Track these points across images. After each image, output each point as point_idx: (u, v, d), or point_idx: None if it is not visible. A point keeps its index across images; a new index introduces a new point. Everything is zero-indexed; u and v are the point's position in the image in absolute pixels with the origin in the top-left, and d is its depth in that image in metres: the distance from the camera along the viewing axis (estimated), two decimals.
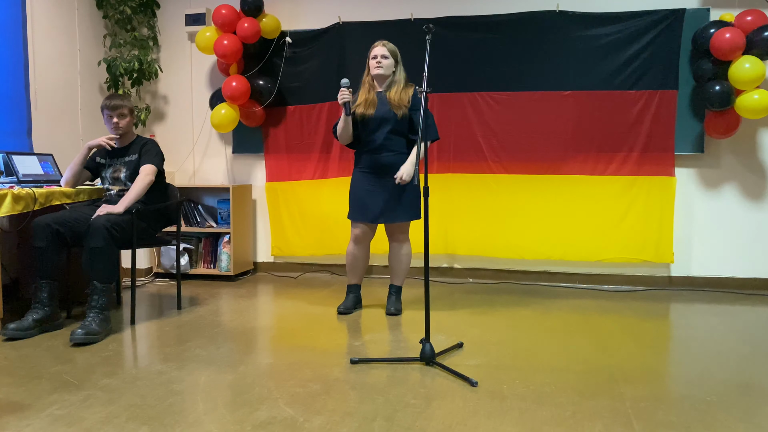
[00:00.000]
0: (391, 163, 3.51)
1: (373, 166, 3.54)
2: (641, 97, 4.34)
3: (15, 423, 2.11)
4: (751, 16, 3.97)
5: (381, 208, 3.51)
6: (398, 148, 3.54)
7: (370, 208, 3.53)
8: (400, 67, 3.57)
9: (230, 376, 2.57)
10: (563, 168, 4.49)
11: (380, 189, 3.52)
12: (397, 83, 3.54)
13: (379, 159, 3.52)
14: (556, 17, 4.42)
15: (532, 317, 3.59)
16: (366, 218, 3.55)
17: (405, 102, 3.49)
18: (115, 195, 3.51)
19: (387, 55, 3.51)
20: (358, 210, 3.57)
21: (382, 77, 3.54)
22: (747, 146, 4.34)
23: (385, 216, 3.52)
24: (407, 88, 3.55)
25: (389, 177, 3.50)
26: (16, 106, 4.04)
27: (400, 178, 3.40)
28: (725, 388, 2.43)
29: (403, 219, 3.54)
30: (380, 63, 3.49)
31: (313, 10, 4.89)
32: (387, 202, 3.51)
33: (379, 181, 3.52)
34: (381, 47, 3.52)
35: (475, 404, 2.27)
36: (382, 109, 3.50)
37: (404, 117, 3.49)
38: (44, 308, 3.20)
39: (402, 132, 3.54)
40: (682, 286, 4.45)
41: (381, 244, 3.99)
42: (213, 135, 5.17)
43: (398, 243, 3.64)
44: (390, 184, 3.50)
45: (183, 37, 5.11)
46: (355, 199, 3.60)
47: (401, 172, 3.41)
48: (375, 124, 3.50)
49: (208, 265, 4.96)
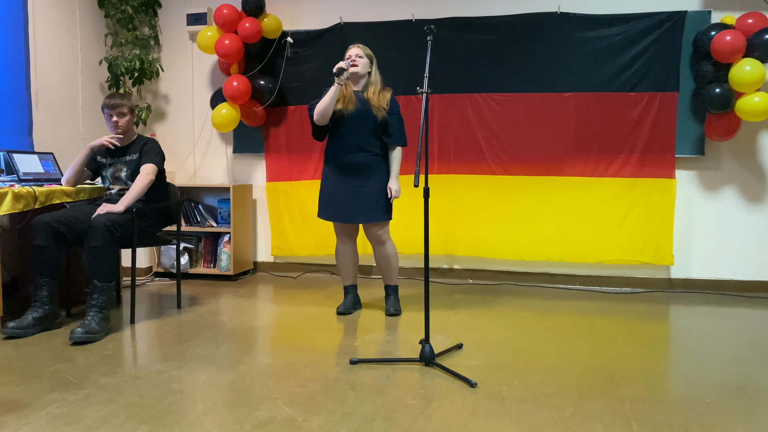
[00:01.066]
0: (365, 163, 3.51)
1: (347, 166, 3.53)
2: (642, 99, 4.34)
3: (14, 421, 2.11)
4: (752, 18, 3.97)
5: (354, 208, 3.51)
6: (374, 149, 3.54)
7: (342, 208, 3.53)
8: (375, 69, 3.58)
9: (230, 376, 2.57)
10: (563, 169, 4.49)
11: (354, 189, 3.52)
12: (373, 84, 3.55)
13: (353, 158, 3.51)
14: (558, 19, 4.42)
15: (531, 318, 3.59)
16: (337, 218, 3.56)
17: (384, 104, 3.50)
18: (115, 194, 3.51)
19: (361, 55, 3.53)
20: (331, 210, 3.58)
21: (358, 75, 3.54)
22: (747, 149, 4.34)
23: (359, 216, 3.52)
24: (384, 92, 3.56)
25: (363, 177, 3.51)
26: (17, 104, 4.04)
27: (393, 195, 3.49)
28: (724, 390, 2.43)
29: (375, 220, 3.53)
30: (356, 62, 3.51)
31: (315, 10, 4.89)
32: (361, 203, 3.51)
33: (353, 181, 3.52)
34: (355, 48, 3.56)
35: (475, 405, 2.27)
36: (361, 108, 3.50)
37: (383, 119, 3.51)
38: (44, 307, 3.20)
39: (379, 134, 3.55)
40: (682, 288, 4.45)
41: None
42: (214, 134, 5.17)
43: (380, 244, 3.61)
44: (363, 185, 3.50)
45: (184, 36, 5.12)
46: (326, 199, 3.60)
47: (393, 190, 3.49)
48: (354, 122, 3.49)
49: (208, 264, 4.96)
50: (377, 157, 3.55)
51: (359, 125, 3.49)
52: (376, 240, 3.61)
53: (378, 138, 3.56)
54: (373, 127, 3.52)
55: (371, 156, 3.53)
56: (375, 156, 3.54)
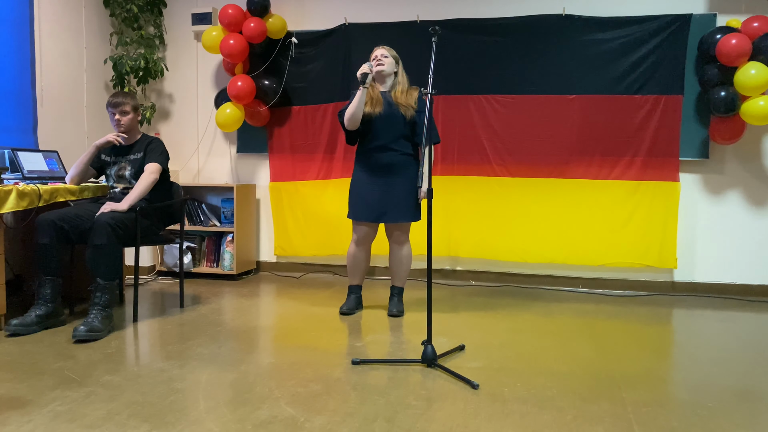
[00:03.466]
0: (396, 162, 3.51)
1: (376, 165, 3.53)
2: (646, 101, 4.34)
3: (17, 419, 2.12)
4: (757, 22, 3.96)
5: (383, 207, 3.51)
6: (403, 149, 3.54)
7: (371, 207, 3.53)
8: (401, 69, 3.59)
9: (232, 375, 2.58)
10: (567, 172, 4.48)
11: (382, 188, 3.52)
12: (400, 84, 3.55)
13: (383, 158, 3.52)
14: (562, 21, 4.42)
15: (534, 320, 3.59)
16: (367, 217, 3.55)
17: (412, 103, 3.50)
18: (119, 193, 3.52)
19: (387, 55, 3.54)
20: (360, 209, 3.57)
21: (384, 75, 3.54)
22: (752, 152, 4.33)
23: (388, 216, 3.52)
24: (412, 90, 3.56)
25: (391, 177, 3.51)
26: (23, 103, 4.06)
27: (422, 197, 3.44)
28: (727, 395, 2.43)
29: (404, 219, 3.54)
30: (381, 61, 3.51)
31: (320, 10, 4.90)
32: (389, 202, 3.51)
33: (382, 180, 3.52)
34: (381, 48, 3.56)
35: (476, 407, 2.27)
36: (389, 108, 3.50)
37: (412, 118, 3.50)
38: (47, 304, 3.21)
39: (408, 133, 3.54)
40: (685, 291, 4.44)
41: (382, 245, 3.99)
42: (218, 134, 5.18)
43: (398, 244, 3.63)
44: (392, 184, 3.51)
45: (189, 36, 5.13)
46: (357, 198, 3.59)
47: (422, 191, 3.41)
48: (382, 123, 3.50)
49: (211, 263, 4.96)
50: (407, 156, 3.54)
51: (388, 126, 3.49)
52: (397, 240, 3.61)
53: (408, 137, 3.55)
54: (402, 127, 3.51)
55: (400, 155, 3.53)
56: (404, 155, 3.54)
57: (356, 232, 3.63)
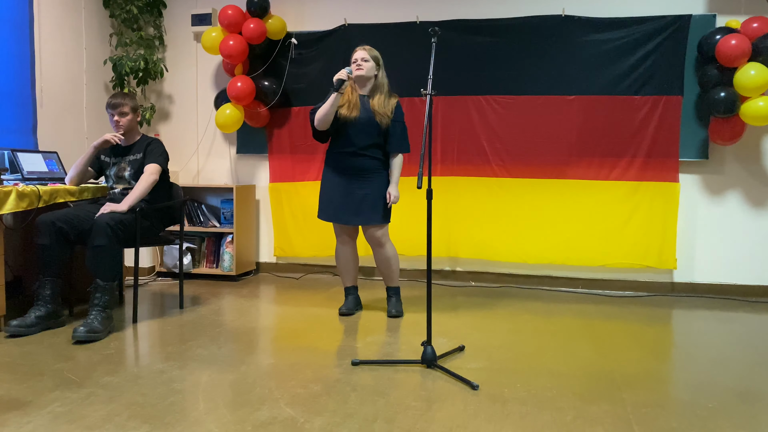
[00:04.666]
0: (366, 167, 3.53)
1: (346, 169, 3.54)
2: (646, 102, 4.34)
3: (16, 420, 2.11)
4: (757, 23, 3.97)
5: (353, 210, 3.53)
6: (375, 154, 3.56)
7: (339, 209, 3.55)
8: (382, 72, 3.58)
9: (231, 376, 2.58)
10: (567, 172, 4.48)
11: (353, 192, 3.53)
12: (379, 88, 3.55)
13: (355, 162, 3.53)
14: (562, 22, 4.42)
15: (533, 321, 3.59)
16: (338, 219, 3.57)
17: (389, 112, 3.51)
18: (119, 193, 3.52)
19: (367, 58, 3.52)
20: (329, 210, 3.59)
21: (363, 78, 3.54)
22: (751, 153, 4.33)
23: (359, 218, 3.53)
24: (390, 99, 3.56)
25: (360, 180, 3.53)
26: (22, 103, 4.06)
27: (392, 201, 3.50)
28: (727, 395, 2.43)
29: (375, 221, 3.54)
30: (360, 65, 3.50)
31: (319, 11, 4.90)
32: (360, 205, 3.52)
33: (353, 183, 3.54)
34: (361, 51, 3.54)
35: (476, 408, 2.27)
36: (365, 114, 3.50)
37: (386, 127, 3.52)
38: (47, 305, 3.21)
39: (380, 141, 3.56)
40: (685, 292, 4.44)
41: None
42: (217, 135, 5.18)
43: (379, 246, 3.62)
44: (363, 188, 3.52)
45: (189, 36, 5.13)
46: (326, 200, 3.61)
47: (393, 196, 3.50)
48: (357, 128, 3.50)
49: (211, 264, 4.96)
50: (378, 161, 3.56)
51: (362, 131, 3.50)
52: (375, 242, 3.61)
53: (380, 144, 3.57)
54: (376, 134, 3.53)
55: (372, 160, 3.54)
56: (376, 161, 3.55)
57: (336, 231, 3.68)
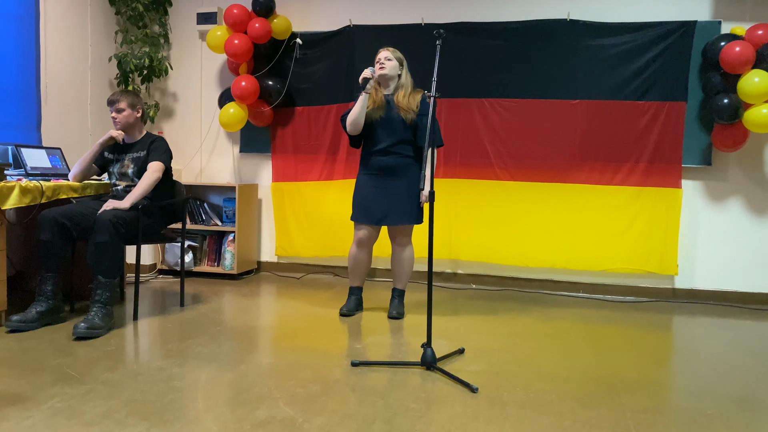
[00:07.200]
0: (397, 165, 3.52)
1: (379, 168, 3.55)
2: (650, 108, 4.34)
3: (16, 414, 2.12)
4: (762, 30, 3.96)
5: (385, 210, 3.52)
6: (405, 152, 3.55)
7: (374, 209, 3.54)
8: (405, 71, 3.59)
9: (231, 375, 2.58)
10: (570, 177, 4.48)
11: (385, 191, 3.53)
12: (403, 87, 3.56)
13: (385, 161, 3.53)
14: (567, 26, 4.42)
15: (534, 325, 3.59)
16: (370, 220, 3.56)
17: (413, 107, 3.51)
18: (121, 190, 3.53)
19: (390, 58, 3.54)
20: (363, 212, 3.58)
21: (387, 78, 3.55)
22: (754, 160, 4.33)
23: (390, 218, 3.53)
24: (415, 93, 3.56)
25: (394, 179, 3.52)
26: (27, 99, 4.07)
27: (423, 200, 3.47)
28: (726, 402, 2.42)
29: (407, 222, 3.55)
30: (383, 64, 3.52)
31: (324, 12, 4.91)
32: (391, 205, 3.51)
33: (384, 183, 3.53)
34: (385, 51, 3.57)
35: (475, 410, 2.27)
36: (390, 112, 3.51)
37: (413, 122, 3.51)
38: (48, 301, 3.21)
39: (409, 137, 3.55)
40: (686, 298, 4.44)
41: (384, 246, 4.00)
42: (221, 134, 5.18)
43: (401, 246, 3.64)
44: (394, 186, 3.51)
45: (194, 35, 5.14)
46: (360, 201, 3.60)
47: (424, 194, 3.45)
48: (384, 126, 3.51)
49: (212, 263, 4.97)
50: (408, 159, 3.55)
51: (388, 130, 3.51)
52: (399, 242, 3.62)
53: (409, 141, 3.56)
54: (402, 131, 3.52)
55: (402, 158, 3.53)
56: (406, 158, 3.54)
57: (358, 234, 3.63)
